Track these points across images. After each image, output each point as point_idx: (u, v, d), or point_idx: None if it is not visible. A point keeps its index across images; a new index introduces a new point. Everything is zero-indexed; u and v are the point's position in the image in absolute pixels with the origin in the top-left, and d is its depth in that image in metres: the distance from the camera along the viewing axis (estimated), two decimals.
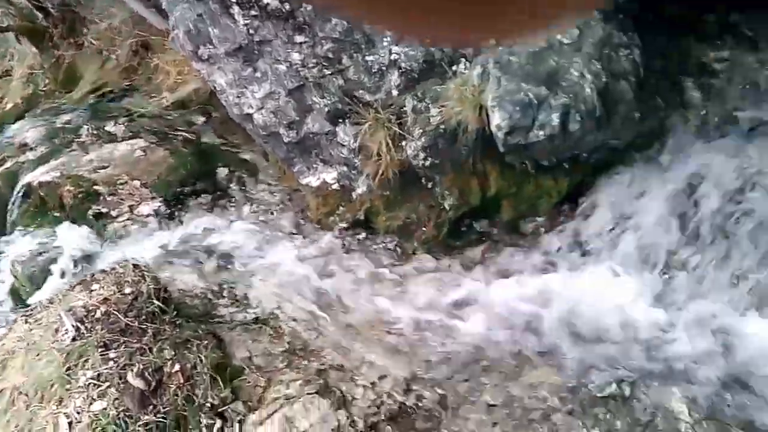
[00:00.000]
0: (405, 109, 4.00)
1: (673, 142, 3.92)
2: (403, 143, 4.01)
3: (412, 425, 3.40)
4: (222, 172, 5.39)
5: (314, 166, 4.45)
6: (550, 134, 3.58)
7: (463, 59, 3.89)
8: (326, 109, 4.14)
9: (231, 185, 5.27)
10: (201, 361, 3.51)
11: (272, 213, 4.92)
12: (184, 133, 5.92)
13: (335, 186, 4.44)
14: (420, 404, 3.49)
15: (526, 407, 3.43)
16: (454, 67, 3.92)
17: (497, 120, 3.60)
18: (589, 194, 4.19)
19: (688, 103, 3.91)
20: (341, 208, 4.48)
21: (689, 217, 3.83)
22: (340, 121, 4.18)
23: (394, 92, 4.00)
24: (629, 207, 3.99)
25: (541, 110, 3.58)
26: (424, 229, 4.31)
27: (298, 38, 3.99)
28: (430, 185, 4.20)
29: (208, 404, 3.37)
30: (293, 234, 4.63)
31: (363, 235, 4.52)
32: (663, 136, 3.95)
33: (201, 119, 6.15)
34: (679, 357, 3.51)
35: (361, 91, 4.08)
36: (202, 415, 3.27)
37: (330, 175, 4.41)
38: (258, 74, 4.22)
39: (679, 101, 3.92)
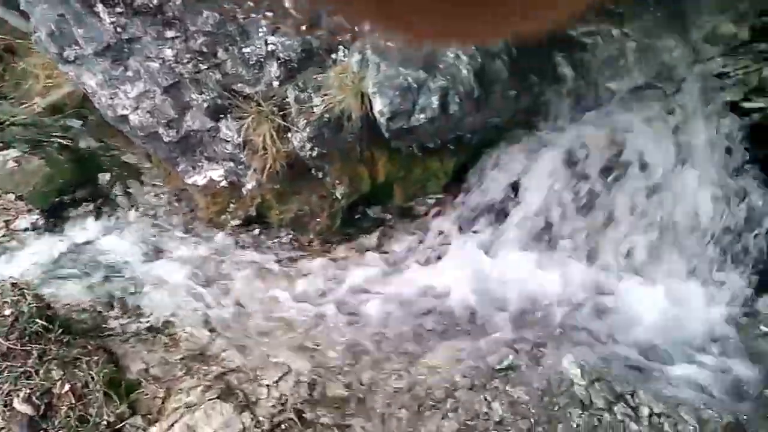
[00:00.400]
0: (287, 100, 3.93)
1: (549, 116, 4.06)
2: (289, 135, 3.95)
3: (318, 415, 3.38)
4: (103, 177, 5.13)
5: (199, 164, 4.32)
6: (431, 117, 3.62)
7: (341, 47, 3.86)
8: (206, 105, 4.02)
9: (114, 191, 5.02)
10: (92, 378, 3.35)
11: (160, 216, 4.75)
12: (59, 140, 5.58)
13: (223, 183, 4.32)
14: (326, 396, 3.47)
15: (430, 387, 3.48)
16: (333, 55, 3.88)
17: (379, 106, 3.60)
18: (476, 172, 4.28)
19: (561, 77, 4.04)
20: (232, 205, 4.38)
21: (570, 187, 3.98)
22: (222, 116, 4.07)
23: (275, 83, 3.93)
24: (513, 182, 4.11)
25: (421, 94, 3.61)
26: (318, 220, 4.28)
27: (169, 33, 3.84)
28: (320, 175, 4.17)
29: (104, 422, 3.23)
30: (184, 236, 4.49)
31: (257, 230, 4.44)
32: (540, 112, 4.08)
33: (77, 123, 5.82)
34: (568, 323, 3.66)
35: (240, 85, 3.98)
36: None
37: (216, 173, 4.29)
38: (130, 73, 4.03)
39: (552, 76, 4.05)
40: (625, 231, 3.96)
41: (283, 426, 3.31)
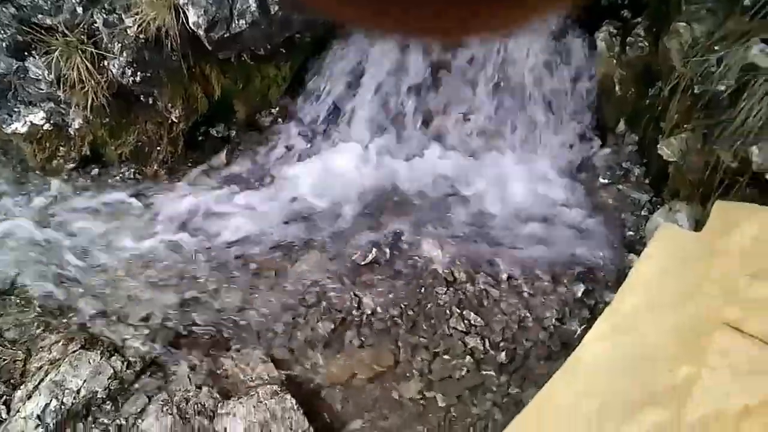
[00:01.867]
0: (96, 25, 3.62)
1: None
2: (105, 63, 3.66)
3: (196, 346, 3.34)
4: None
5: (15, 110, 3.94)
6: (253, 21, 3.45)
7: None
8: (5, 45, 3.63)
9: None
10: None
11: None
12: None
13: (47, 126, 3.98)
14: (198, 324, 3.42)
15: (301, 294, 3.50)
16: None
17: (193, 17, 3.39)
18: (316, 72, 4.18)
19: None
20: (62, 148, 4.06)
21: (412, 73, 3.99)
22: (27, 54, 3.70)
23: (78, 10, 3.59)
24: (352, 79, 4.05)
25: None
26: (159, 148, 4.06)
27: None
28: (151, 101, 3.93)
29: None
30: (17, 189, 4.15)
31: (96, 170, 4.17)
32: None
33: None
34: (424, 206, 3.74)
35: (40, 16, 3.61)
36: None
37: (37, 116, 3.94)
38: None
39: None
40: (467, 109, 4.03)
41: (157, 362, 3.25)
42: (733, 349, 1.90)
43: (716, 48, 3.02)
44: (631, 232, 3.47)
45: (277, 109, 4.23)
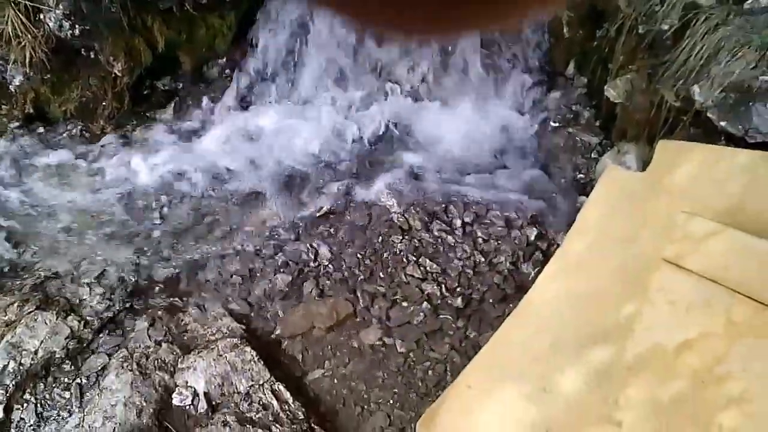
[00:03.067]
0: None
1: None
2: (41, 16, 3.53)
3: (150, 302, 3.33)
4: None
5: None
6: None
7: None
8: None
9: None
10: None
11: None
12: None
13: None
14: (155, 280, 3.41)
15: (257, 246, 3.50)
16: None
17: None
18: (262, 23, 4.09)
19: None
20: (4, 107, 3.94)
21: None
22: None
23: None
24: (299, 26, 3.98)
25: None
26: (104, 104, 3.96)
27: None
28: (93, 55, 3.81)
29: None
30: None
31: (41, 129, 4.06)
32: None
33: None
34: (376, 156, 3.74)
35: None
36: None
37: None
38: None
39: None
40: (417, 59, 4.00)
41: (115, 321, 3.24)
42: (672, 285, 1.98)
43: None
44: (581, 175, 3.53)
45: (224, 59, 4.14)
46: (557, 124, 3.75)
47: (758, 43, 2.60)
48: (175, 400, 2.77)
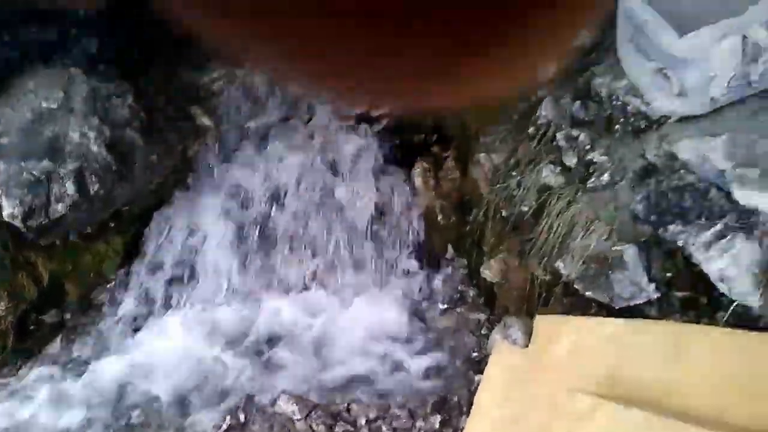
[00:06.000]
0: None
1: (201, 169, 4.08)
2: None
3: None
4: None
5: None
6: (72, 203, 3.42)
7: None
8: None
9: None
10: None
11: None
12: None
13: None
14: None
15: None
16: None
17: (8, 209, 3.29)
18: (151, 239, 4.13)
19: (202, 128, 4.08)
20: None
21: (242, 233, 4.04)
22: None
23: None
24: (188, 239, 4.05)
25: (52, 183, 3.38)
26: None
27: None
28: None
29: None
30: None
31: None
32: (191, 167, 4.08)
33: None
34: (276, 360, 3.71)
35: None
36: None
37: None
38: None
39: (193, 129, 4.07)
40: (308, 255, 4.12)
41: None
42: None
43: (513, 174, 3.34)
44: (475, 353, 3.60)
45: (114, 282, 4.11)
46: (446, 306, 3.88)
47: (605, 217, 2.86)
48: None
